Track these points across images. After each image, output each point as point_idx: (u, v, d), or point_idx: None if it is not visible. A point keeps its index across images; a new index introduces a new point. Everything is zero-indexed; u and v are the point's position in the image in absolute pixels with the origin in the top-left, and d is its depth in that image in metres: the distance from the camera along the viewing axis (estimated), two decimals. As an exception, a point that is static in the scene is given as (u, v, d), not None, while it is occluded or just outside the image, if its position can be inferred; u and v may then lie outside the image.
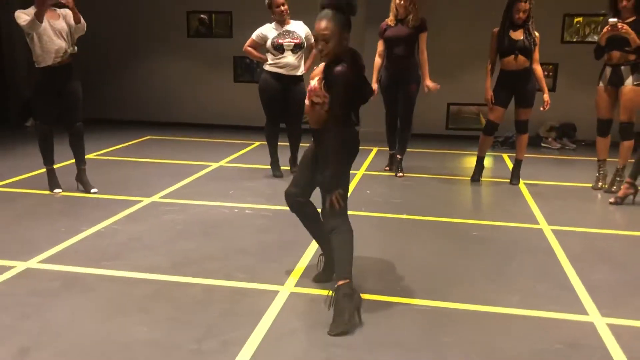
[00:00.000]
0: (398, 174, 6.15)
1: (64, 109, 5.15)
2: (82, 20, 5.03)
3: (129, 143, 7.87)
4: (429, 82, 5.90)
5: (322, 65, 3.04)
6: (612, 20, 5.18)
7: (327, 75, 2.94)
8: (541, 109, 5.62)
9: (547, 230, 4.50)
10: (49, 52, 4.92)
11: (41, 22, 4.78)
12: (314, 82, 3.02)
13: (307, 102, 3.07)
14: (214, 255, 3.87)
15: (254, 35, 5.86)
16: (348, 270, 2.95)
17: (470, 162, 6.15)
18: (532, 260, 3.88)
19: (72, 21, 5.01)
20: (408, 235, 4.39)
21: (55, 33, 4.93)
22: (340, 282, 2.90)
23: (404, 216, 4.80)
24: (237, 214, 4.80)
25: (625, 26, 5.14)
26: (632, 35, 5.15)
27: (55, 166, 5.38)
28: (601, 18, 6.05)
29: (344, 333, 2.82)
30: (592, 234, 4.47)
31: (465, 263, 3.83)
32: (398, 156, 6.19)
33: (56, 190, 5.28)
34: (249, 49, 5.91)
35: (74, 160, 5.38)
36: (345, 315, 2.83)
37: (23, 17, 4.79)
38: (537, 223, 4.69)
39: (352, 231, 3.05)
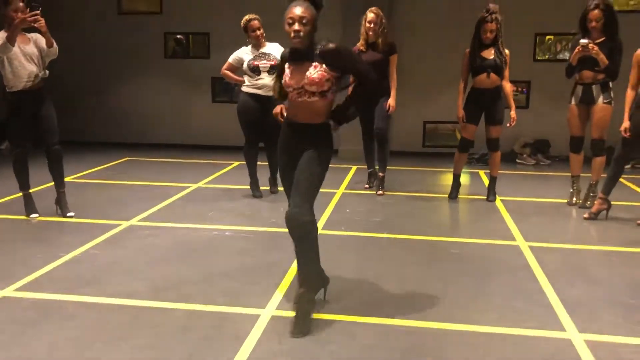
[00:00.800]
0: (378, 192, 6.21)
1: (40, 133, 5.11)
2: (55, 44, 5.01)
3: (107, 165, 7.82)
4: (392, 102, 5.98)
5: (301, 63, 3.10)
6: (583, 41, 5.32)
7: (323, 57, 3.04)
8: (507, 125, 5.76)
9: (524, 246, 4.58)
10: (20, 77, 4.90)
11: (13, 45, 4.76)
12: (312, 76, 3.05)
13: (306, 99, 3.10)
14: (194, 279, 3.86)
15: (230, 59, 5.92)
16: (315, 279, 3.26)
17: (448, 179, 6.23)
18: (510, 277, 3.94)
19: (43, 45, 4.99)
20: (387, 254, 4.43)
21: (26, 57, 4.91)
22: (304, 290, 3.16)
23: (384, 235, 4.84)
24: (217, 236, 4.79)
25: (596, 47, 5.29)
26: (601, 56, 5.30)
27: (32, 190, 5.33)
28: (571, 37, 6.22)
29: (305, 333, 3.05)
30: (568, 250, 4.55)
31: (444, 281, 3.87)
32: (380, 174, 6.25)
33: (32, 216, 5.22)
34: (226, 72, 5.95)
35: (51, 184, 5.33)
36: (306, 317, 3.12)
37: None
38: (514, 240, 4.76)
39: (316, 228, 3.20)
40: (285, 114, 3.30)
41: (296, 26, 2.99)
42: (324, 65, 3.03)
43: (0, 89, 5.12)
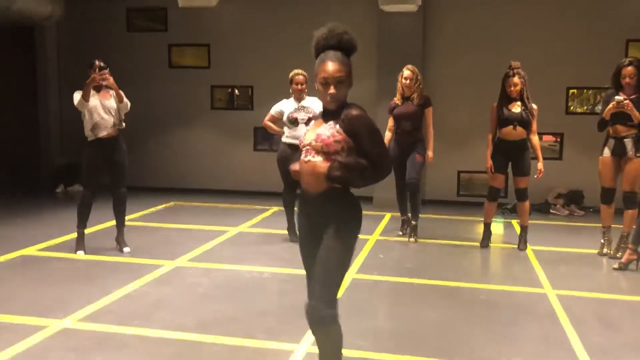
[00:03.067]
0: (411, 239, 6.44)
1: (110, 176, 5.68)
2: (125, 99, 5.66)
3: (154, 209, 8.27)
4: (430, 153, 6.38)
5: (319, 121, 2.79)
6: (619, 97, 5.50)
7: (343, 120, 2.65)
8: (535, 176, 5.96)
9: (552, 294, 4.72)
10: (98, 127, 5.50)
11: (87, 101, 5.41)
12: (322, 134, 2.68)
13: (311, 159, 2.73)
14: (236, 316, 4.15)
15: (272, 111, 6.35)
16: None
17: (481, 228, 6.42)
18: (536, 324, 4.10)
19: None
20: (419, 298, 4.64)
21: (105, 110, 5.54)
22: None
23: (415, 280, 5.05)
24: (257, 277, 5.10)
25: (630, 104, 5.47)
26: (635, 112, 5.48)
27: (87, 230, 5.79)
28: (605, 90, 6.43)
29: None
30: (595, 299, 4.67)
31: (473, 326, 4.05)
32: (413, 222, 6.49)
33: (79, 252, 5.66)
34: (268, 123, 6.38)
35: (104, 226, 5.78)
36: None
37: (76, 97, 5.45)
38: (542, 287, 4.91)
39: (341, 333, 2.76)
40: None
41: (332, 89, 2.65)
42: (338, 126, 2.67)
43: (61, 135, 5.69)
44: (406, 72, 6.29)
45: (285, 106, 6.27)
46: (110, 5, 9.86)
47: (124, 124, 5.72)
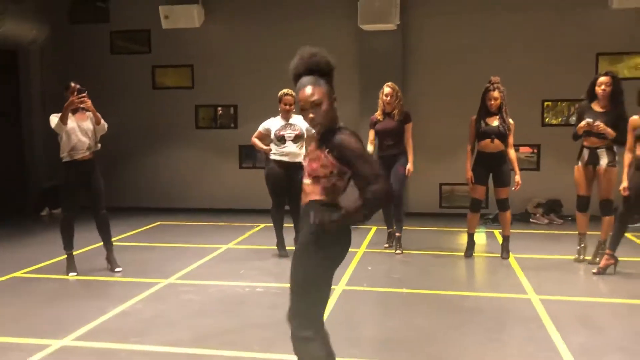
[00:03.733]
0: (397, 251, 6.59)
1: (89, 199, 5.70)
2: (102, 121, 5.71)
3: (141, 229, 8.33)
4: (410, 167, 6.54)
5: (312, 147, 2.76)
6: (589, 120, 5.73)
7: (331, 147, 2.60)
8: (512, 188, 6.17)
9: (535, 299, 4.90)
10: (75, 149, 5.55)
11: (65, 124, 5.47)
12: (312, 158, 2.68)
13: (306, 181, 2.71)
14: (231, 329, 4.25)
15: (260, 128, 6.50)
16: None
17: (464, 238, 6.61)
18: (522, 328, 4.27)
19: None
20: (407, 307, 4.78)
21: (82, 132, 5.59)
22: None
23: (403, 290, 5.20)
24: (249, 292, 5.20)
25: (601, 126, 5.66)
26: (608, 130, 5.69)
27: (79, 251, 5.86)
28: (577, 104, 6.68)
29: None
30: (577, 302, 4.87)
31: (461, 331, 4.20)
32: (397, 234, 6.66)
33: (71, 274, 5.72)
34: (255, 140, 6.52)
35: (95, 246, 5.84)
36: None
37: (53, 120, 5.51)
38: (526, 293, 5.09)
39: (331, 354, 2.76)
40: None
41: (310, 114, 2.63)
42: (327, 151, 2.61)
43: (47, 158, 5.76)
44: (386, 89, 6.49)
45: (273, 124, 6.43)
46: (94, 28, 9.98)
47: (99, 145, 5.79)
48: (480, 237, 6.97)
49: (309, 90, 2.62)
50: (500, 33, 8.89)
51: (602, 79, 5.83)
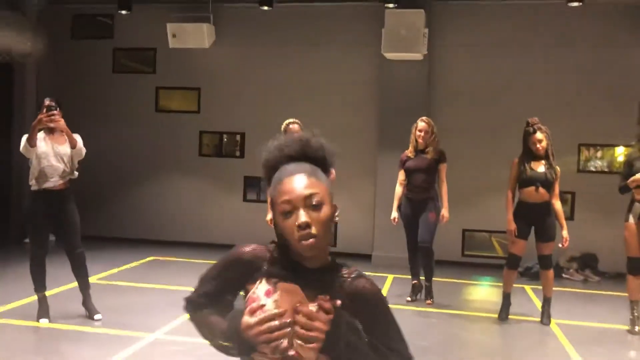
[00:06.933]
0: (427, 301, 5.99)
1: (61, 235, 4.95)
2: (80, 145, 4.90)
3: (131, 265, 7.52)
4: (445, 213, 5.89)
5: (289, 286, 1.57)
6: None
7: (341, 295, 1.54)
8: (560, 245, 5.45)
9: (594, 385, 4.07)
10: (44, 176, 4.77)
11: (32, 146, 4.70)
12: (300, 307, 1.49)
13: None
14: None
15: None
16: None
17: (491, 293, 5.81)
18: None
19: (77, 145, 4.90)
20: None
21: (56, 157, 4.82)
22: None
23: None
24: (249, 356, 4.36)
25: None
26: None
27: (52, 292, 5.04)
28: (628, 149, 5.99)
29: None
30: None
31: None
32: (426, 283, 6.05)
33: (42, 320, 4.88)
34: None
35: (71, 286, 5.05)
36: None
37: (22, 141, 4.74)
38: (581, 375, 4.25)
39: None
40: None
41: (313, 230, 1.51)
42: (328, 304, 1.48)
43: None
44: (421, 124, 5.83)
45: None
46: (97, 44, 9.34)
47: (76, 173, 4.99)
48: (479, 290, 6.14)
49: (304, 184, 1.55)
50: (535, 69, 8.20)
51: None
